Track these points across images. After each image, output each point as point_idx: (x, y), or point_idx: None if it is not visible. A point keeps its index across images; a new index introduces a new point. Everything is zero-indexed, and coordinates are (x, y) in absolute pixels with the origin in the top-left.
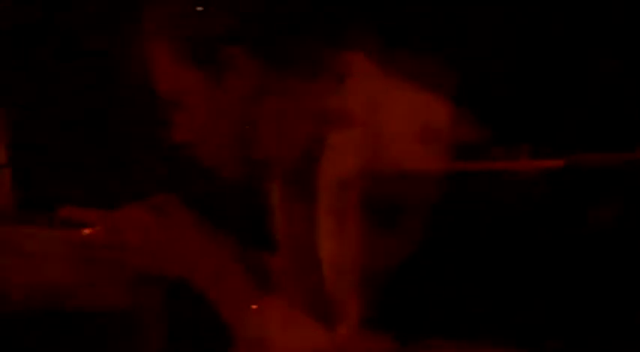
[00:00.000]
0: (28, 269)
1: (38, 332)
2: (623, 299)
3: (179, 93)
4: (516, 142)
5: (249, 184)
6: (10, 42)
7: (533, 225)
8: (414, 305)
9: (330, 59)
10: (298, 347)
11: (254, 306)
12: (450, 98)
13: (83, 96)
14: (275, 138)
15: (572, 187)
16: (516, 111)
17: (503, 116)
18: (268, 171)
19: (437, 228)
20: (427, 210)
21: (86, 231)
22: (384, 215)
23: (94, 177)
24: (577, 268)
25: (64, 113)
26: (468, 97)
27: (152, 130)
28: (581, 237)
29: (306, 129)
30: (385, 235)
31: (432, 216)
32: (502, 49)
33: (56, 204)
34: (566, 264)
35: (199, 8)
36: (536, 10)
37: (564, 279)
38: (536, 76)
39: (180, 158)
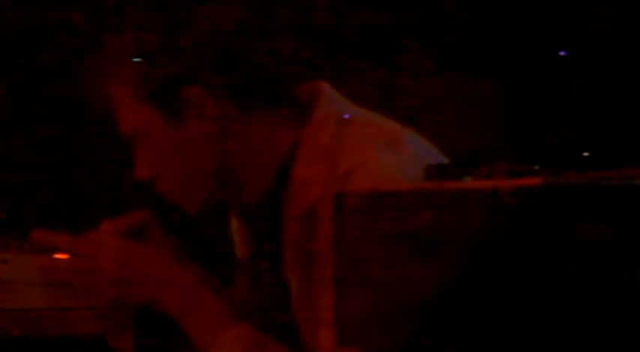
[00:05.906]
0: (0, 295)
1: None
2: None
3: (139, 133)
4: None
5: (212, 217)
6: None
7: (511, 245)
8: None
9: (295, 92)
10: None
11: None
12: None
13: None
14: (240, 173)
15: (551, 207)
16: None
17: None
18: (233, 204)
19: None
20: (402, 235)
21: (57, 256)
22: (357, 244)
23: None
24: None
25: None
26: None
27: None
28: (562, 259)
29: (270, 164)
30: (359, 264)
31: (408, 238)
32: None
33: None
34: (547, 287)
35: None
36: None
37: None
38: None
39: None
